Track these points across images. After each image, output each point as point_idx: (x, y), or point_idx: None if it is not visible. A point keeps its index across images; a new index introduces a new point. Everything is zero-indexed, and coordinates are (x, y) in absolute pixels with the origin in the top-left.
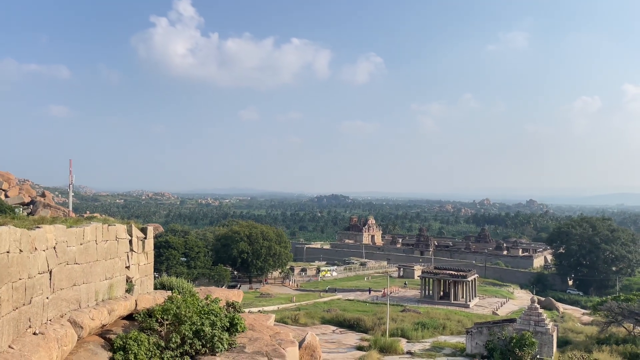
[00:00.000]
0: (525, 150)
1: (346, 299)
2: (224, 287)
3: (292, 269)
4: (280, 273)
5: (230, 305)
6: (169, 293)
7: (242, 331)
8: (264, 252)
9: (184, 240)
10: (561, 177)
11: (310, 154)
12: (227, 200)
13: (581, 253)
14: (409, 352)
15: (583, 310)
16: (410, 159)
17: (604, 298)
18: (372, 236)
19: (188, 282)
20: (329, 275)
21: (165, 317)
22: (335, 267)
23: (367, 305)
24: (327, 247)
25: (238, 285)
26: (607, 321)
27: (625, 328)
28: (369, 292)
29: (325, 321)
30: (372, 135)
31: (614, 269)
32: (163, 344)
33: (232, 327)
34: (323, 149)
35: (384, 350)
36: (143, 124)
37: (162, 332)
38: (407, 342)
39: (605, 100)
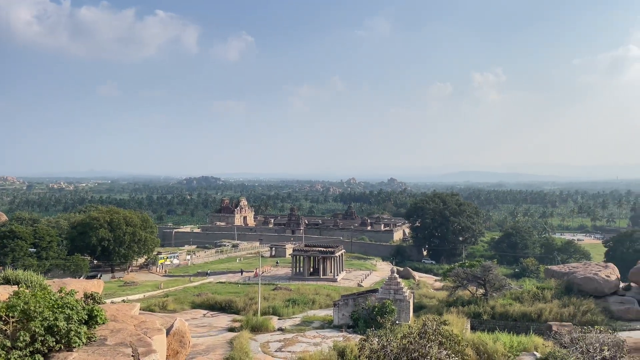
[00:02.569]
0: (387, 131)
1: (218, 282)
2: (82, 278)
3: (159, 254)
4: (146, 260)
5: (88, 296)
6: (15, 288)
7: (103, 323)
8: (127, 239)
9: (32, 229)
10: (418, 157)
11: (178, 134)
12: (84, 184)
13: (434, 226)
14: (280, 329)
15: (435, 277)
16: (282, 139)
17: (452, 265)
18: (244, 217)
19: (39, 274)
20: (169, 263)
21: (10, 315)
22: (177, 254)
23: (239, 287)
24: (197, 230)
25: (99, 275)
26: (454, 286)
27: (470, 291)
28: (241, 274)
29: (195, 306)
30: (244, 115)
31: (460, 239)
32: (9, 344)
33: (91, 320)
34: (192, 129)
35: (256, 329)
36: None
37: (8, 331)
38: (279, 319)
39: (456, 86)
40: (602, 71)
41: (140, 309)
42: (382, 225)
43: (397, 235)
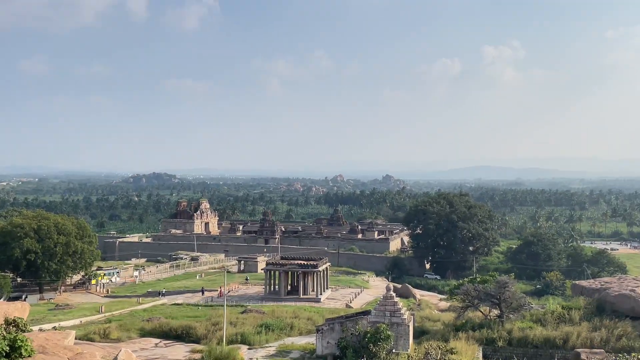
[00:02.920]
0: (382, 118)
1: (173, 304)
2: (2, 300)
3: (99, 270)
4: (83, 277)
5: (10, 323)
6: None
7: (29, 356)
8: (59, 251)
9: None
10: (419, 150)
11: (124, 120)
12: (4, 183)
13: (438, 233)
14: None
15: (440, 296)
16: (253, 128)
17: (460, 281)
18: (206, 224)
19: None
20: (108, 281)
21: None
22: (118, 270)
23: (200, 309)
24: (147, 240)
25: (23, 296)
26: (463, 306)
27: (482, 312)
28: (202, 293)
29: (145, 333)
30: (205, 97)
31: (471, 248)
32: None
33: (14, 352)
34: (141, 114)
35: None
36: None
37: None
38: (249, 348)
39: (465, 62)
40: (638, 46)
41: (76, 338)
42: (376, 233)
43: (394, 245)
